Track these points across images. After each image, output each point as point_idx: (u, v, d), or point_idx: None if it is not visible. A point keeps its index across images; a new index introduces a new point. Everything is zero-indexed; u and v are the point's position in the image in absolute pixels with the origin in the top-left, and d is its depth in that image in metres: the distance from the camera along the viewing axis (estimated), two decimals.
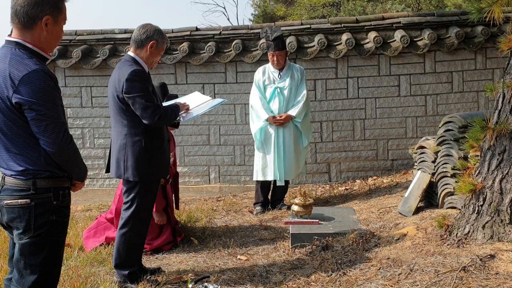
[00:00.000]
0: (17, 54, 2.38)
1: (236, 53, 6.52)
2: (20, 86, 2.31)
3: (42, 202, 2.43)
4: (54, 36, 2.48)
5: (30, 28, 2.40)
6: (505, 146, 3.39)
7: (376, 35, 6.40)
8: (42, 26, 2.40)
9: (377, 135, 6.64)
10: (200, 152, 6.81)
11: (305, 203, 4.55)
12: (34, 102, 2.32)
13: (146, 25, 3.65)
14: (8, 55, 2.38)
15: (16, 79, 2.32)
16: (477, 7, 3.51)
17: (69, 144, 2.46)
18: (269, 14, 18.30)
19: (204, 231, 4.88)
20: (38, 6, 2.37)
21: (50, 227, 2.45)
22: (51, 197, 2.44)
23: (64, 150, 2.44)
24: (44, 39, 2.44)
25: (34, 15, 2.38)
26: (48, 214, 2.43)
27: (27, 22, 2.39)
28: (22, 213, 2.40)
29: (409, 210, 4.49)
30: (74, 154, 2.51)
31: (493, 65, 6.51)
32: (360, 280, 3.31)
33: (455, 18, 6.51)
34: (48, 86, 2.36)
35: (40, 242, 2.44)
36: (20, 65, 2.34)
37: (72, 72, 6.81)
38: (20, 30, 2.41)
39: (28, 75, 2.31)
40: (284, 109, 5.48)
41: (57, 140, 2.40)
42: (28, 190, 2.41)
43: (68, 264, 4.04)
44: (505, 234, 3.35)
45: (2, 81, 2.35)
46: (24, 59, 2.36)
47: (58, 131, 2.41)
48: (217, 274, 3.70)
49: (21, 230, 2.42)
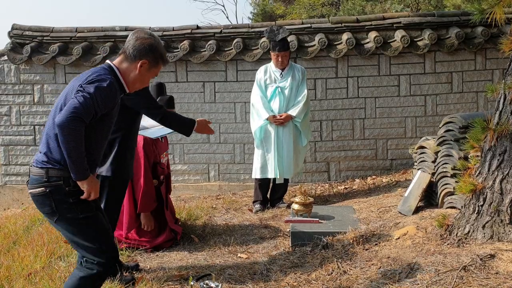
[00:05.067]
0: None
1: (237, 51, 6.53)
2: (89, 80, 2.68)
3: (55, 188, 2.69)
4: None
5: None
6: (505, 147, 3.41)
7: (376, 35, 6.42)
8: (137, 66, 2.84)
9: (376, 134, 6.66)
10: (200, 150, 6.82)
11: (305, 201, 4.56)
12: (89, 85, 2.65)
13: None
14: None
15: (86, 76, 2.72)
16: (479, 8, 3.53)
17: (73, 128, 2.58)
18: (268, 12, 18.29)
19: (204, 229, 4.89)
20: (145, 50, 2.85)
21: (71, 208, 2.72)
22: (61, 184, 2.70)
23: (65, 129, 2.58)
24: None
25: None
26: (65, 197, 2.70)
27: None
28: (42, 200, 2.73)
29: (409, 209, 4.51)
30: (72, 144, 2.60)
31: (493, 66, 6.54)
32: (360, 278, 3.32)
33: (456, 18, 6.53)
34: (109, 96, 2.69)
35: (69, 222, 2.74)
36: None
37: (72, 69, 6.81)
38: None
39: (100, 82, 2.67)
40: (284, 109, 5.50)
41: (67, 114, 2.57)
42: (42, 179, 2.69)
43: (69, 260, 4.05)
44: (505, 234, 3.37)
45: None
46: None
47: (76, 110, 2.58)
48: (218, 272, 3.72)
49: (49, 214, 2.75)
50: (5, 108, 6.96)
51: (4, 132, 6.98)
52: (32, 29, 6.91)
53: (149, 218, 4.36)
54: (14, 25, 6.94)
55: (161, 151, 4.55)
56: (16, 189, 7.01)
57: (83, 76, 2.78)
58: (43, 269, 3.95)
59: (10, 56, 6.79)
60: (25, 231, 5.21)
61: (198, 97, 6.75)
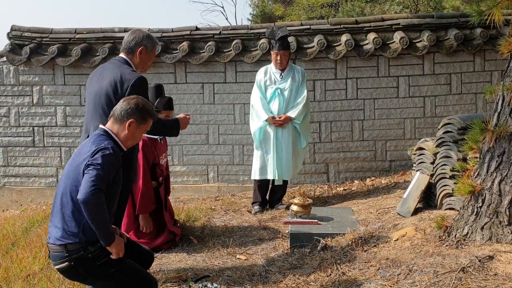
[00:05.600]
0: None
1: (236, 53, 6.53)
2: (94, 153, 2.79)
3: (79, 259, 2.79)
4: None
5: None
6: (504, 148, 3.42)
7: (375, 36, 6.42)
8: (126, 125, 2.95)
9: (375, 136, 6.67)
10: (199, 152, 6.82)
11: (304, 203, 4.56)
12: (95, 157, 2.78)
13: (135, 31, 3.68)
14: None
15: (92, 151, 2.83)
16: (477, 10, 3.54)
17: (96, 201, 2.69)
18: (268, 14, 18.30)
19: (203, 230, 4.89)
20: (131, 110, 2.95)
21: (101, 269, 2.83)
22: (83, 254, 2.79)
23: (89, 204, 2.69)
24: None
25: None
26: (90, 263, 2.81)
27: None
28: (70, 272, 2.86)
29: (408, 211, 4.51)
30: (99, 216, 2.72)
31: (492, 67, 6.55)
32: (359, 280, 3.32)
33: (454, 20, 6.54)
34: (115, 160, 2.83)
35: (104, 279, 2.88)
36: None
37: (71, 70, 6.81)
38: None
39: (103, 150, 2.81)
40: (283, 110, 5.50)
41: (88, 190, 2.69)
42: (63, 254, 2.79)
43: None
44: (503, 235, 3.37)
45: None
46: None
47: (94, 183, 2.71)
48: (217, 273, 3.72)
49: (82, 281, 2.94)
50: (4, 109, 6.95)
51: (3, 134, 6.98)
52: (31, 30, 6.91)
53: (147, 220, 4.36)
54: (13, 26, 6.94)
55: (160, 153, 4.54)
56: (15, 191, 7.01)
57: (84, 150, 2.90)
58: (41, 271, 3.95)
59: (9, 57, 6.79)
60: (24, 232, 5.21)
61: (197, 98, 6.75)
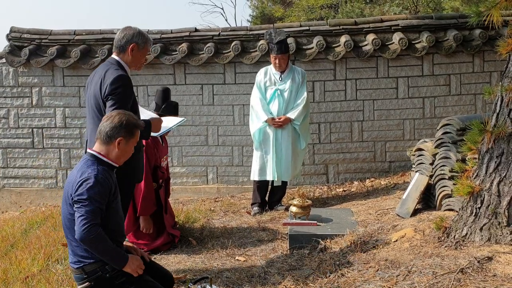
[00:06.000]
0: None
1: (235, 54, 6.53)
2: (78, 186, 2.80)
3: (98, 280, 2.85)
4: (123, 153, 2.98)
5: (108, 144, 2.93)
6: (503, 149, 3.41)
7: (374, 37, 6.42)
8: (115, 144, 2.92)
9: (375, 137, 6.66)
10: (198, 153, 6.82)
11: (303, 204, 4.56)
12: (79, 192, 2.79)
13: (125, 28, 3.63)
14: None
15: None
16: (476, 10, 3.54)
17: (93, 236, 2.73)
18: (267, 15, 18.31)
19: (202, 231, 4.89)
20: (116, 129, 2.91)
21: (119, 286, 2.88)
22: (101, 275, 2.85)
23: (87, 241, 2.75)
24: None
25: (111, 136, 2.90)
26: (109, 283, 2.86)
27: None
28: None
29: (407, 212, 4.51)
30: (101, 247, 2.78)
31: (491, 68, 6.55)
32: (358, 281, 3.32)
33: (453, 21, 6.54)
34: (102, 187, 2.80)
35: None
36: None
37: (70, 71, 6.81)
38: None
39: (86, 182, 2.80)
40: (283, 111, 5.50)
41: (81, 229, 2.72)
42: (82, 275, 2.86)
43: (66, 263, 4.04)
44: (502, 236, 3.37)
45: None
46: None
47: (86, 220, 2.73)
48: (216, 275, 3.71)
49: None
50: (3, 111, 6.95)
51: (2, 135, 6.98)
52: (31, 31, 6.91)
53: (148, 221, 4.36)
54: (13, 27, 6.95)
55: (161, 155, 4.55)
56: (14, 192, 7.01)
57: (71, 178, 2.89)
58: (40, 272, 3.95)
59: (8, 58, 6.79)
60: (23, 234, 5.20)
61: (197, 99, 6.75)
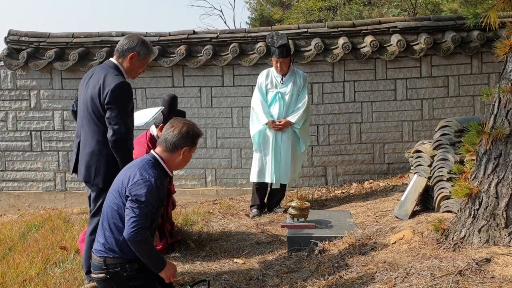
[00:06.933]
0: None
1: (233, 56, 6.53)
2: (137, 184, 2.87)
3: (115, 275, 2.90)
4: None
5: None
6: (501, 150, 3.41)
7: (372, 39, 6.43)
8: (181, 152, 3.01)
9: (373, 138, 6.66)
10: (196, 155, 6.81)
11: (302, 206, 4.55)
12: (138, 192, 2.85)
13: (132, 36, 3.66)
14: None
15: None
16: (473, 12, 3.54)
17: (141, 238, 2.79)
18: (266, 17, 18.35)
19: (201, 234, 4.88)
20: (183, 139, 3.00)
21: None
22: (119, 271, 2.90)
23: (135, 243, 2.80)
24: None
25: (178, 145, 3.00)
26: (124, 282, 2.92)
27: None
28: (104, 284, 2.95)
29: (406, 213, 4.51)
30: (147, 250, 2.84)
31: (489, 70, 6.55)
32: (356, 283, 3.31)
33: (451, 22, 6.55)
34: (158, 193, 2.88)
35: None
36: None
37: (69, 74, 6.81)
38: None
39: (147, 184, 2.86)
40: (284, 114, 5.50)
41: (131, 230, 2.78)
42: (102, 266, 2.91)
43: (64, 267, 4.04)
44: (500, 238, 3.36)
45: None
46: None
47: (137, 223, 2.79)
48: (214, 278, 3.71)
49: None
50: (1, 114, 6.94)
51: (1, 138, 6.97)
52: (29, 34, 6.91)
53: None
54: (11, 30, 6.95)
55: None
56: (12, 195, 7.00)
57: (128, 172, 2.95)
58: (38, 276, 3.94)
59: (7, 61, 6.79)
60: (21, 237, 5.20)
61: (195, 102, 6.75)
